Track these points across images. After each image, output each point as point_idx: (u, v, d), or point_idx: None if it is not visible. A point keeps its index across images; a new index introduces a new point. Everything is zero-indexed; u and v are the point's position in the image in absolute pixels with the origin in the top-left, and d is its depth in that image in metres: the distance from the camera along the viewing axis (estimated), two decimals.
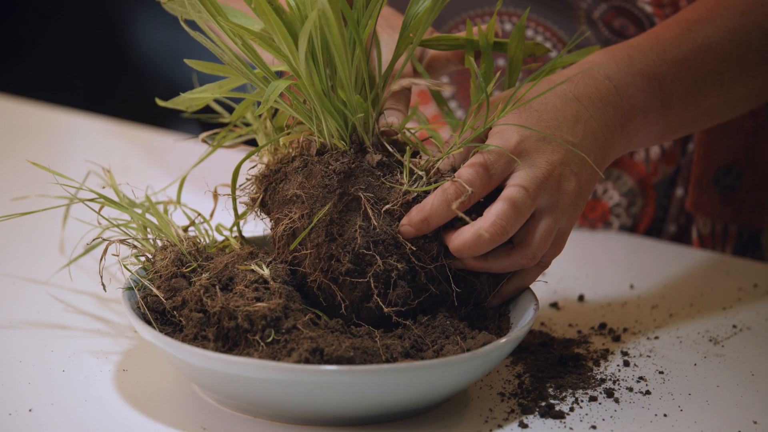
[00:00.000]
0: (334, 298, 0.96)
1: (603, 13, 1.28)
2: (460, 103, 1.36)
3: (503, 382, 1.00)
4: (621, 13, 1.28)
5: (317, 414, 0.90)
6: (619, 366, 1.04)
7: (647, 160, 1.34)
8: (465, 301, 0.99)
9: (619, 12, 1.28)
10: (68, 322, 1.10)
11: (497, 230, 0.94)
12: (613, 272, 1.29)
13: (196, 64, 0.98)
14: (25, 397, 0.95)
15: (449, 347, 0.93)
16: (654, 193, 1.35)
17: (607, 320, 1.14)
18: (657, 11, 1.27)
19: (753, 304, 1.19)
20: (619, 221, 1.37)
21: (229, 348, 0.92)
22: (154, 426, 0.92)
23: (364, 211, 0.95)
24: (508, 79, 1.04)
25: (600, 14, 1.28)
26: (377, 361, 0.91)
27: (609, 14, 1.28)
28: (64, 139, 1.77)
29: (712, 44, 1.08)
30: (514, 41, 1.01)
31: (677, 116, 1.08)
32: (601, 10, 1.28)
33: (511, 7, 1.31)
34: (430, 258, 0.96)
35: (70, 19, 2.76)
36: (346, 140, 0.97)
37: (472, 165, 0.95)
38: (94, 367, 1.01)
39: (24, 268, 1.23)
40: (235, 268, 0.96)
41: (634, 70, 1.04)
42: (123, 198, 1.06)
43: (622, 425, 0.94)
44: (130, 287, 0.98)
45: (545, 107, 0.98)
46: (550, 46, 1.31)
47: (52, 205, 1.10)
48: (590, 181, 1.00)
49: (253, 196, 1.01)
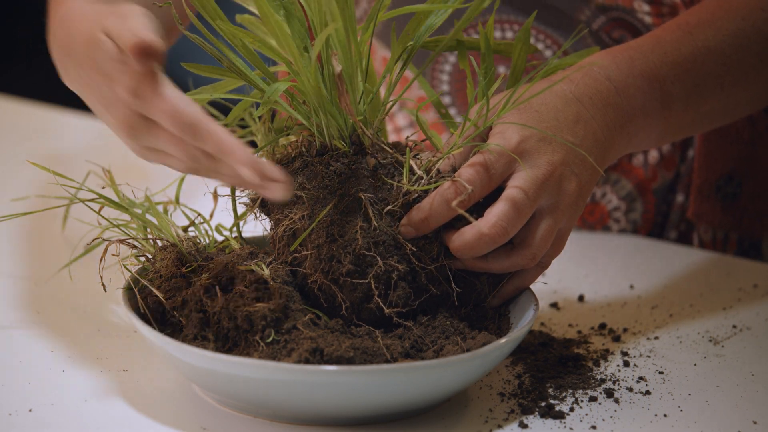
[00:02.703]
0: (334, 298, 0.96)
1: (602, 25, 1.28)
2: (459, 110, 1.36)
3: (503, 382, 1.00)
4: (620, 24, 1.28)
5: (317, 414, 0.90)
6: (619, 366, 1.04)
7: (646, 164, 1.34)
8: (465, 301, 0.99)
9: (618, 24, 1.27)
10: (68, 322, 1.10)
11: (498, 231, 0.94)
12: (613, 272, 1.29)
13: (194, 67, 0.98)
14: (25, 397, 0.95)
15: (449, 347, 0.93)
16: (653, 198, 1.35)
17: (607, 320, 1.14)
18: (657, 21, 1.27)
19: (753, 305, 1.19)
20: (618, 226, 1.37)
21: (229, 348, 0.92)
22: (154, 426, 0.92)
23: (364, 212, 0.95)
24: (511, 80, 1.04)
25: (599, 26, 1.28)
26: (377, 361, 0.91)
27: (608, 26, 1.28)
28: (64, 139, 1.77)
29: (713, 47, 1.09)
30: (519, 43, 1.01)
31: (677, 118, 1.08)
32: (600, 22, 1.28)
33: (512, 15, 1.31)
34: (431, 258, 0.96)
35: None
36: (346, 141, 0.97)
37: (473, 165, 0.95)
38: (94, 367, 1.01)
39: (24, 268, 1.23)
40: (235, 268, 0.96)
41: (635, 71, 1.04)
42: (123, 198, 1.06)
43: (622, 425, 0.94)
44: (130, 287, 0.98)
45: (545, 107, 0.98)
46: (551, 54, 1.31)
47: (52, 205, 1.10)
48: (590, 182, 1.00)
49: (252, 196, 1.01)
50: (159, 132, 0.92)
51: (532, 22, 1.00)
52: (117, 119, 0.94)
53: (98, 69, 0.95)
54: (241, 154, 0.88)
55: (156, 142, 0.93)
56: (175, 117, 0.90)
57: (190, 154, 0.92)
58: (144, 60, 0.89)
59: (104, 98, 0.95)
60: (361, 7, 1.36)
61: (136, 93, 0.92)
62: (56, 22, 1.02)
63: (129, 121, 0.93)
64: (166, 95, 0.91)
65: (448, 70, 1.36)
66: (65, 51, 1.00)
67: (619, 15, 1.28)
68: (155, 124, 0.92)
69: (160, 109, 0.91)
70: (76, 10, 1.00)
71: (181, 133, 0.90)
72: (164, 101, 0.90)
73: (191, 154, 0.92)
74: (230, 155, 0.89)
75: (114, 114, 0.94)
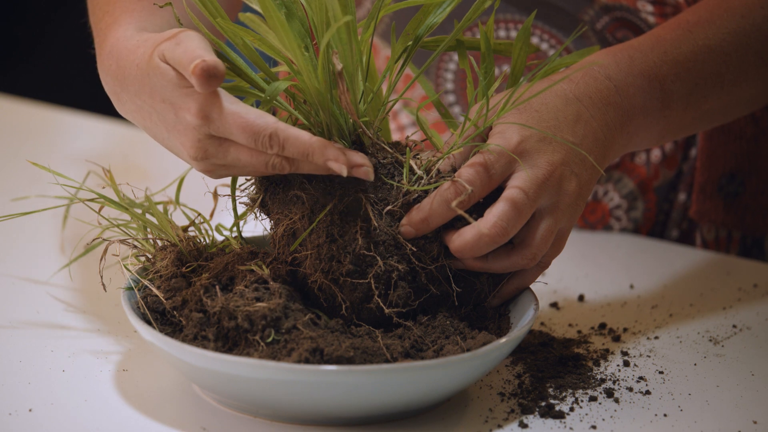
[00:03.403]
0: (334, 298, 0.96)
1: (606, 25, 1.28)
2: (463, 109, 1.36)
3: (503, 382, 1.00)
4: (624, 24, 1.27)
5: (317, 414, 0.90)
6: (619, 366, 1.04)
7: (648, 162, 1.34)
8: (465, 301, 0.99)
9: (622, 23, 1.27)
10: (68, 322, 1.10)
11: (498, 231, 0.94)
12: (613, 272, 1.29)
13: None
14: (25, 397, 0.95)
15: (449, 347, 0.93)
16: (655, 196, 1.35)
17: (607, 320, 1.14)
18: (660, 21, 1.27)
19: (753, 304, 1.19)
20: (620, 224, 1.37)
21: (229, 348, 0.92)
22: (154, 426, 0.92)
23: (364, 212, 0.95)
24: (511, 79, 1.04)
25: (603, 26, 1.28)
26: (377, 361, 0.91)
27: (612, 26, 1.28)
28: (64, 139, 1.77)
29: (713, 46, 1.09)
30: (519, 43, 1.01)
31: (677, 117, 1.08)
32: (604, 22, 1.28)
33: (517, 15, 1.31)
34: (431, 258, 0.96)
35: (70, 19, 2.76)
36: (347, 140, 0.97)
37: (473, 165, 0.95)
38: (94, 367, 1.01)
39: (24, 268, 1.23)
40: (235, 268, 0.96)
41: (635, 70, 1.04)
42: (123, 198, 1.06)
43: (622, 425, 0.94)
44: (130, 287, 0.98)
45: (546, 107, 0.98)
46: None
47: (52, 205, 1.10)
48: (590, 182, 1.00)
49: (253, 196, 1.01)
50: (232, 148, 0.93)
51: (532, 21, 1.00)
52: (187, 144, 0.94)
53: (160, 97, 0.94)
54: (328, 151, 0.90)
55: (228, 158, 0.93)
56: (250, 131, 0.90)
57: (269, 163, 0.92)
58: (208, 82, 0.89)
59: (170, 125, 0.95)
60: (365, 7, 1.36)
61: (205, 115, 0.92)
62: (105, 53, 1.02)
63: (200, 144, 0.93)
64: (236, 111, 0.91)
65: (453, 69, 1.36)
66: (119, 82, 0.99)
67: (623, 15, 1.28)
68: (227, 141, 0.93)
69: (233, 127, 0.91)
70: (124, 40, 1.00)
71: (260, 146, 0.91)
72: (236, 118, 0.91)
73: (270, 163, 0.92)
74: (316, 155, 0.90)
75: (183, 140, 0.94)
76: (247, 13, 0.94)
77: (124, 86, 0.99)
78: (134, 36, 1.00)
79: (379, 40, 1.38)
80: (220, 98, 0.91)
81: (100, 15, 1.07)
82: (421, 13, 0.99)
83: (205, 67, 0.89)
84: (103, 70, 1.02)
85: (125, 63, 0.98)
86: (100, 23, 1.07)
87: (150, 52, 0.95)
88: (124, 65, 0.98)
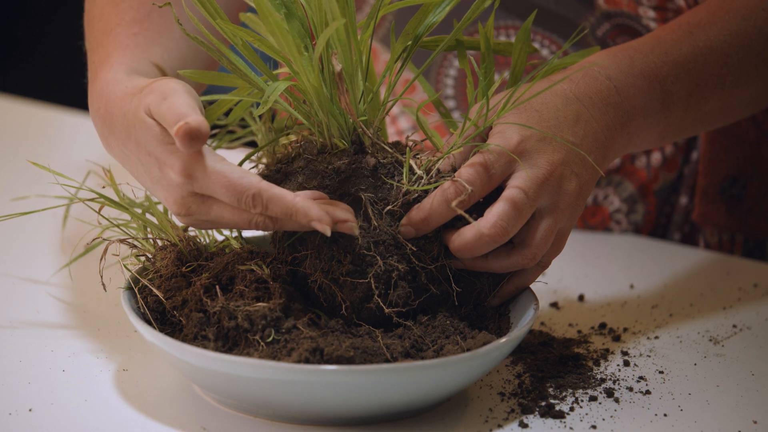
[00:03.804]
0: (334, 298, 0.96)
1: (607, 32, 1.28)
2: (462, 114, 1.36)
3: (503, 382, 1.00)
4: (625, 30, 1.27)
5: (317, 414, 0.90)
6: (619, 366, 1.04)
7: (648, 166, 1.34)
8: (465, 301, 0.99)
9: (623, 30, 1.27)
10: (68, 322, 1.10)
11: (498, 231, 0.94)
12: (613, 272, 1.29)
13: (191, 73, 0.98)
14: (25, 397, 0.95)
15: (449, 347, 0.93)
16: (655, 199, 1.35)
17: (607, 320, 1.14)
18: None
19: (753, 304, 1.19)
20: (620, 228, 1.37)
21: (229, 348, 0.92)
22: (154, 426, 0.92)
23: (364, 212, 0.95)
24: (511, 80, 1.04)
25: (604, 32, 1.28)
26: (377, 360, 0.91)
27: (613, 32, 1.28)
28: (64, 139, 1.77)
29: (714, 47, 1.08)
30: (519, 43, 1.01)
31: (678, 118, 1.07)
32: (605, 29, 1.28)
33: (518, 21, 1.31)
34: (431, 258, 0.96)
35: (70, 19, 2.76)
36: (346, 140, 0.97)
37: (473, 165, 0.95)
38: (94, 367, 1.01)
39: (24, 268, 1.23)
40: (235, 268, 0.96)
41: (635, 71, 1.04)
42: (123, 198, 1.06)
43: (622, 425, 0.94)
44: (130, 287, 0.98)
45: (546, 107, 0.98)
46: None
47: (52, 205, 1.10)
48: (590, 182, 1.00)
49: None
50: (215, 205, 0.93)
51: (531, 21, 1.00)
52: (170, 200, 0.94)
53: (145, 150, 0.95)
54: (311, 212, 0.90)
55: (211, 215, 0.93)
56: (233, 191, 0.90)
57: (252, 221, 0.92)
58: (191, 144, 0.89)
59: (154, 179, 0.95)
60: (364, 12, 1.36)
61: (189, 174, 0.92)
62: (95, 93, 1.02)
63: (183, 201, 0.93)
64: (219, 170, 0.91)
65: (453, 74, 1.36)
66: (106, 126, 1.00)
67: (624, 21, 1.28)
68: (210, 198, 0.93)
69: (217, 185, 0.91)
70: (113, 84, 1.00)
71: (243, 205, 0.91)
72: (220, 177, 0.91)
73: (253, 221, 0.92)
74: (300, 216, 0.90)
75: (166, 195, 0.94)
76: (248, 13, 0.94)
77: (111, 132, 0.99)
78: (124, 80, 1.00)
79: (379, 45, 1.38)
80: (204, 157, 0.91)
81: (95, 45, 1.07)
82: (421, 13, 0.99)
83: (188, 130, 0.89)
84: (93, 108, 1.03)
85: (113, 109, 0.98)
86: (93, 55, 1.07)
87: (137, 104, 0.95)
88: (112, 111, 0.98)
